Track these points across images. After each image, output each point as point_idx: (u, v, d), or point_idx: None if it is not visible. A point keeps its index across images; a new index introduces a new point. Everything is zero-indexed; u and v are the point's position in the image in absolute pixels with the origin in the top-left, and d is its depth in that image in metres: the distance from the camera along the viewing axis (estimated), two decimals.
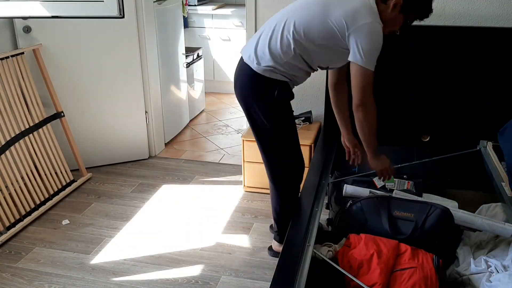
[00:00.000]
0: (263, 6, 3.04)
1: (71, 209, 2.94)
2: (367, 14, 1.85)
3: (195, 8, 4.87)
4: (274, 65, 2.00)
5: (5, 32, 3.04)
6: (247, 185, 3.12)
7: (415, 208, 2.04)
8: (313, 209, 2.06)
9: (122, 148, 3.51)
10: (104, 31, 3.18)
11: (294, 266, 1.64)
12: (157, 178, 3.33)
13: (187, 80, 4.17)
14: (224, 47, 4.93)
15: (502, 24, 2.75)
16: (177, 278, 2.33)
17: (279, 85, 2.03)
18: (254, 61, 2.02)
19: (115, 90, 3.34)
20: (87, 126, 3.35)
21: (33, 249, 2.55)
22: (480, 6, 2.75)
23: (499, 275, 1.73)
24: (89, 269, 2.40)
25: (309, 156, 2.83)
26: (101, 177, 3.33)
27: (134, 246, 2.58)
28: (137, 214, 2.89)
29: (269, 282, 1.62)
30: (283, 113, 2.13)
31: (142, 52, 3.35)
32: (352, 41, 1.87)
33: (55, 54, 3.12)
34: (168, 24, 3.77)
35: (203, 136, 4.11)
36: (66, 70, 3.18)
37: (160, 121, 3.69)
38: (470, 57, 2.70)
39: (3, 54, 2.81)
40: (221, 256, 2.50)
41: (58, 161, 3.09)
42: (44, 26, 3.05)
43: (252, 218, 2.83)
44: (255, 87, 2.07)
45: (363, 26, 1.84)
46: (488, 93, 2.74)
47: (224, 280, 2.32)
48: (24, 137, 2.87)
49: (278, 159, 2.21)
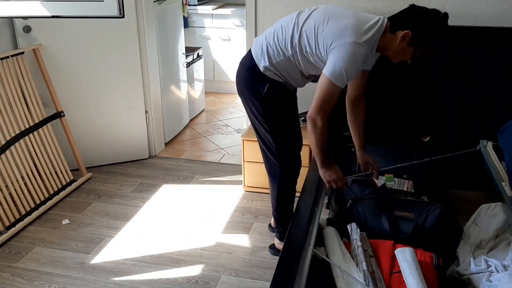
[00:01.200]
0: (263, 5, 3.04)
1: (71, 208, 2.94)
2: (353, 33, 1.86)
3: (195, 8, 4.87)
4: (269, 64, 2.05)
5: (5, 32, 3.04)
6: (247, 185, 3.12)
7: (415, 207, 2.04)
8: (313, 209, 2.06)
9: (122, 148, 3.51)
10: (104, 31, 3.18)
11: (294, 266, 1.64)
12: (157, 178, 3.33)
13: (187, 80, 4.17)
14: (224, 47, 4.93)
15: (502, 23, 2.74)
16: (177, 278, 2.33)
17: (269, 82, 2.08)
18: (259, 54, 2.08)
19: (115, 90, 3.34)
20: (87, 125, 3.35)
21: (33, 249, 2.55)
22: (480, 6, 2.75)
23: (499, 275, 1.73)
24: (89, 268, 2.40)
25: (309, 155, 2.82)
26: (101, 176, 3.33)
27: (134, 246, 2.58)
28: (137, 214, 2.89)
29: (269, 282, 1.62)
30: (274, 111, 2.15)
31: (142, 52, 3.35)
32: (331, 55, 1.88)
33: (55, 54, 3.12)
34: (168, 24, 3.77)
35: (203, 136, 4.10)
36: (66, 70, 3.18)
37: (160, 121, 3.68)
38: (471, 57, 2.70)
39: (3, 54, 2.81)
40: (221, 256, 2.50)
41: (58, 161, 3.09)
42: (44, 26, 3.05)
43: (252, 218, 2.83)
44: (251, 80, 2.13)
45: (345, 44, 1.85)
46: (488, 92, 2.74)
47: (224, 279, 2.32)
48: (24, 136, 2.87)
49: (273, 152, 2.25)
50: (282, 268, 1.63)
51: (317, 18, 1.96)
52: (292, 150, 2.29)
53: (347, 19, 1.91)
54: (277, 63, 2.05)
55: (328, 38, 1.89)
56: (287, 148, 2.26)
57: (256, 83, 2.10)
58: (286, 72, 2.08)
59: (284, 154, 2.26)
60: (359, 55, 1.86)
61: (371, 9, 2.83)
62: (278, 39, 2.03)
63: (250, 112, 2.22)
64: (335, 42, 1.87)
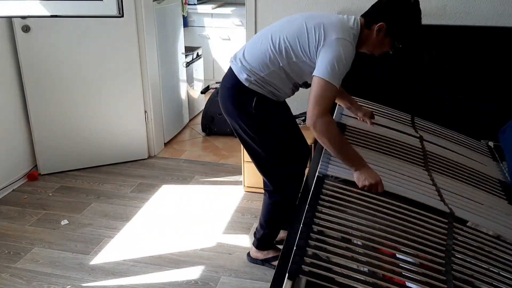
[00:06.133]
0: (263, 5, 3.04)
1: (70, 209, 2.93)
2: (339, 31, 1.84)
3: (195, 7, 4.86)
4: (254, 77, 1.99)
5: (4, 31, 3.03)
6: (247, 185, 3.11)
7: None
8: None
9: (121, 148, 3.50)
10: (104, 30, 3.17)
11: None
12: (156, 178, 3.32)
13: (187, 80, 4.16)
14: (224, 46, 4.92)
15: (502, 23, 2.74)
16: (176, 279, 2.32)
17: (256, 96, 2.00)
18: (241, 69, 2.01)
19: (114, 89, 3.33)
20: (86, 125, 3.34)
21: (32, 250, 2.54)
22: (481, 5, 2.74)
23: None
24: (88, 269, 2.39)
25: None
26: (101, 177, 3.32)
27: (134, 247, 2.57)
28: (137, 214, 2.88)
29: (269, 282, 1.61)
30: (265, 124, 2.07)
31: (142, 51, 3.34)
32: (320, 55, 1.85)
33: (54, 53, 3.11)
34: (168, 23, 3.76)
35: (202, 136, 4.09)
36: (65, 69, 3.17)
37: (159, 121, 3.67)
38: (471, 57, 2.69)
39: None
40: (221, 257, 2.49)
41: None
42: (43, 25, 3.04)
43: (252, 218, 2.82)
44: (236, 97, 2.04)
45: (332, 41, 1.83)
46: (489, 92, 2.73)
47: (224, 280, 2.31)
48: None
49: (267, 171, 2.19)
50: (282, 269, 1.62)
51: (295, 26, 1.93)
52: (291, 168, 2.18)
53: (328, 19, 1.90)
54: (262, 77, 1.98)
55: (313, 41, 1.86)
56: (283, 165, 2.16)
57: (243, 99, 2.03)
58: (273, 84, 2.01)
59: (280, 173, 2.17)
60: (349, 51, 1.84)
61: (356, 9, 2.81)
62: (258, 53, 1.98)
63: (240, 130, 2.11)
64: (321, 43, 1.84)
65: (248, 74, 1.99)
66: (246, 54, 2.03)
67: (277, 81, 2.01)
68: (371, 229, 1.55)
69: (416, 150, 2.22)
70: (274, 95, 2.05)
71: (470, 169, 2.17)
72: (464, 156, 2.30)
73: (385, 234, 1.53)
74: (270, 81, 2.00)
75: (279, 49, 1.93)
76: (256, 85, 2.00)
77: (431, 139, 2.41)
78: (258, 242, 2.38)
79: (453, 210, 1.75)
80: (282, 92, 2.07)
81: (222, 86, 2.12)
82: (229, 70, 2.10)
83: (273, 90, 2.03)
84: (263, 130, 2.08)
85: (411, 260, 1.45)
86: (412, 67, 2.77)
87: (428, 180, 1.97)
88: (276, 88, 2.03)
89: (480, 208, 1.86)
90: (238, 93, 2.03)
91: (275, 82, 2.00)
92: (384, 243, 1.48)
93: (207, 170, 3.45)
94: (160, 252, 2.52)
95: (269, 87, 2.01)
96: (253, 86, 2.00)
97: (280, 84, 2.02)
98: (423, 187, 1.90)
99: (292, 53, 1.92)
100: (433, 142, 2.37)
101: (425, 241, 1.53)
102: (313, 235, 1.47)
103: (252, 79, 1.99)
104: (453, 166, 2.15)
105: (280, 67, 1.96)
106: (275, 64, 1.96)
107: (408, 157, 2.13)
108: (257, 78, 1.99)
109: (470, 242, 1.58)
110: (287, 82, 2.03)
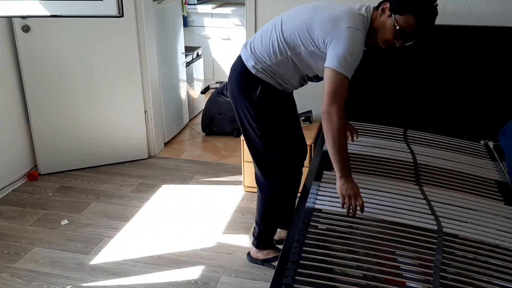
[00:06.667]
0: (263, 5, 3.03)
1: (70, 209, 2.93)
2: (348, 19, 1.82)
3: (195, 7, 4.86)
4: (261, 66, 2.00)
5: (4, 31, 3.03)
6: (247, 185, 3.11)
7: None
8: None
9: (121, 148, 3.49)
10: (104, 30, 3.17)
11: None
12: (156, 178, 3.32)
13: (187, 80, 4.16)
14: (223, 46, 4.92)
15: (503, 23, 2.74)
16: (176, 279, 2.32)
17: (262, 84, 2.01)
18: (249, 56, 2.03)
19: (114, 89, 3.33)
20: (86, 125, 3.34)
21: (32, 249, 2.54)
22: (481, 5, 2.74)
23: None
24: (88, 269, 2.39)
25: (309, 155, 2.81)
26: (100, 177, 3.32)
27: (134, 247, 2.57)
28: (137, 214, 2.88)
29: (269, 282, 1.60)
30: (267, 114, 2.07)
31: (142, 51, 3.34)
32: (330, 46, 1.83)
33: (54, 53, 3.11)
34: (168, 23, 3.76)
35: (202, 135, 4.09)
36: (65, 69, 3.16)
37: (159, 121, 3.67)
38: (471, 57, 2.69)
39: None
40: (221, 257, 2.49)
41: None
42: (43, 25, 3.04)
43: (252, 218, 2.82)
44: (243, 83, 2.06)
45: (343, 31, 1.81)
46: (489, 92, 2.73)
47: (224, 280, 2.31)
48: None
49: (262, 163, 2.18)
50: (282, 269, 1.62)
51: (304, 16, 1.92)
52: (286, 164, 2.18)
53: (337, 8, 1.88)
54: (269, 65, 1.98)
55: (322, 31, 1.84)
56: (279, 160, 2.15)
57: (248, 86, 2.04)
58: (280, 74, 2.01)
59: (274, 167, 2.17)
60: (359, 39, 1.82)
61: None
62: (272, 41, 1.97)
63: (242, 116, 2.11)
64: (330, 33, 1.82)
65: (256, 62, 2.00)
66: (256, 42, 2.04)
67: (285, 71, 2.01)
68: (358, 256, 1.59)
69: (407, 165, 2.24)
70: (280, 86, 2.06)
71: (464, 175, 2.18)
72: (458, 162, 2.31)
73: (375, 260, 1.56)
74: (277, 70, 2.00)
75: (287, 39, 1.94)
76: (263, 73, 2.01)
77: (424, 151, 2.42)
78: (257, 241, 2.38)
79: (443, 224, 1.76)
80: (289, 84, 2.07)
81: (231, 71, 2.14)
82: (238, 57, 2.12)
83: (280, 80, 2.04)
84: (264, 120, 2.08)
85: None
86: (412, 67, 2.77)
87: (419, 195, 1.98)
88: (283, 78, 2.03)
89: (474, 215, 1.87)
90: (245, 79, 2.05)
91: (282, 72, 2.01)
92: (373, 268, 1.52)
93: (207, 170, 3.45)
94: (160, 252, 2.52)
95: (275, 76, 2.02)
96: (260, 74, 2.01)
97: (287, 75, 2.02)
98: (414, 203, 1.91)
99: (300, 42, 1.92)
100: (425, 154, 2.38)
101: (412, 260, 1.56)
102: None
103: (259, 67, 2.00)
104: (446, 175, 2.16)
105: (288, 56, 1.96)
106: (283, 54, 1.96)
107: (399, 174, 2.15)
108: (264, 67, 2.00)
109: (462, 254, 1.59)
110: (295, 73, 2.03)
